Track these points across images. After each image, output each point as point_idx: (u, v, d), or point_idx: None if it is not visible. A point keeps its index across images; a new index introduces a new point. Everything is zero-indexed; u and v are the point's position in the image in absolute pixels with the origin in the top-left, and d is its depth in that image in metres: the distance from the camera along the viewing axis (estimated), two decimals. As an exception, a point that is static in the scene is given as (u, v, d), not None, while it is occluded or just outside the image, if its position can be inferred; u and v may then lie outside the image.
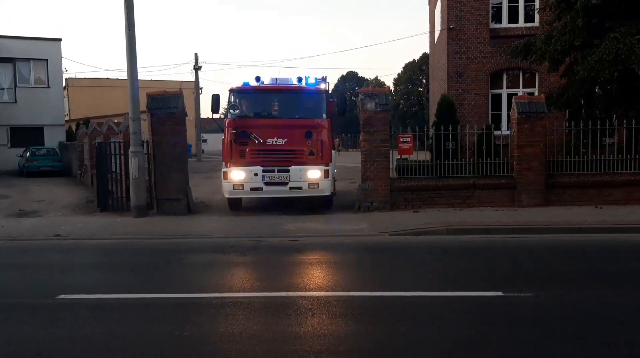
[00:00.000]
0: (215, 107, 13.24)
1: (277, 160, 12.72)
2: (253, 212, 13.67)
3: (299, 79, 13.63)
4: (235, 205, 13.69)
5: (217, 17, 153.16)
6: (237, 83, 13.73)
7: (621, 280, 7.24)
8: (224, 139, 13.08)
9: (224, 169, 12.95)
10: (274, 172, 12.70)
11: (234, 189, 12.86)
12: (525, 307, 6.10)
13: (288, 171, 12.68)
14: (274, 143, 12.74)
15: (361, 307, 6.20)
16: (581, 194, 13.23)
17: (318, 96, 13.37)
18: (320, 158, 12.78)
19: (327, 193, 13.07)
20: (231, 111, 12.97)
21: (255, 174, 12.65)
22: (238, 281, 7.80)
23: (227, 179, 12.86)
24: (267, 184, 12.71)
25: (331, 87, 15.51)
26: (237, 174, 12.73)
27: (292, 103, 13.32)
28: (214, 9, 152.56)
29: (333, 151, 13.69)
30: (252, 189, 12.80)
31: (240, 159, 12.75)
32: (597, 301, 6.25)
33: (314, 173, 12.71)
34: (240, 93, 13.36)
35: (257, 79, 13.46)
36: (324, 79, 14.22)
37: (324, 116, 13.06)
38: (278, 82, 13.75)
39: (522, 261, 8.55)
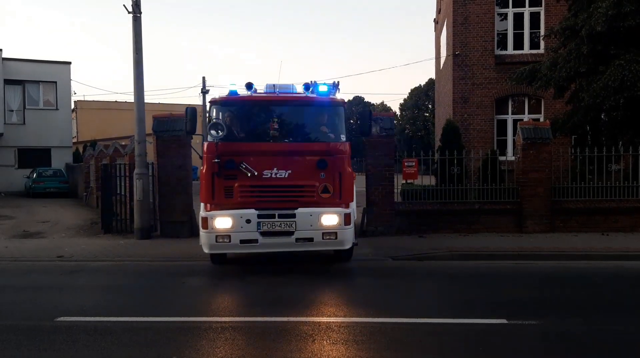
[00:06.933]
0: (191, 126, 9.46)
1: (278, 200, 9.13)
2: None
3: (306, 86, 9.70)
4: (219, 260, 10.34)
5: (226, 41, 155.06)
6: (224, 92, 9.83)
7: (627, 309, 7.13)
8: (202, 171, 9.34)
9: (202, 214, 9.25)
10: (274, 218, 9.06)
11: (217, 242, 9.08)
12: (530, 336, 6.00)
13: (294, 215, 9.06)
14: (274, 175, 9.14)
15: (362, 333, 6.11)
16: (587, 221, 13.15)
17: (334, 110, 9.70)
18: (338, 196, 9.20)
19: (348, 246, 9.48)
20: (212, 131, 9.03)
21: (248, 221, 9.00)
22: (239, 305, 7.73)
23: (207, 228, 9.08)
24: (264, 234, 9.04)
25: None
26: (221, 221, 9.06)
27: (299, 120, 9.82)
28: (222, 34, 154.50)
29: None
30: (242, 241, 9.06)
31: (226, 200, 9.12)
32: (603, 330, 6.15)
33: (331, 219, 9.12)
34: (225, 106, 9.65)
35: (249, 86, 9.66)
36: (335, 86, 10.23)
37: (343, 137, 9.44)
38: (277, 90, 9.89)
39: (527, 288, 8.44)
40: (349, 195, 9.43)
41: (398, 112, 77.48)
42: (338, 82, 10.52)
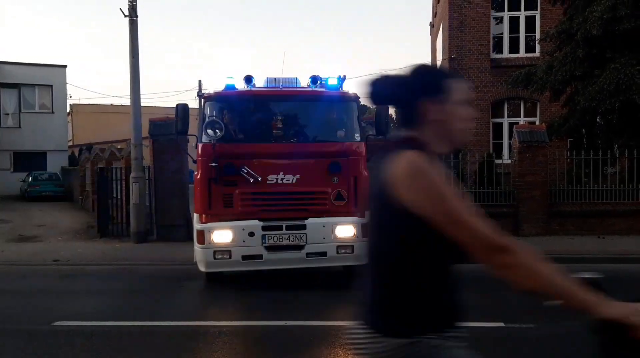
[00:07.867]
0: (182, 125, 8.35)
1: (285, 209, 8.07)
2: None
3: (314, 80, 8.62)
4: (216, 277, 8.83)
5: (224, 43, 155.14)
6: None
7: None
8: (196, 177, 8.25)
9: (197, 227, 8.13)
10: (281, 229, 8.04)
11: (215, 258, 7.96)
12: (527, 339, 6.01)
13: (304, 226, 8.05)
14: (280, 181, 8.04)
15: (360, 337, 6.09)
16: (583, 224, 13.18)
17: (346, 106, 8.63)
18: (353, 203, 8.13)
19: (365, 261, 7.33)
20: (209, 130, 7.93)
21: (251, 234, 7.94)
22: (236, 309, 7.71)
23: (203, 242, 7.96)
24: (269, 249, 8.02)
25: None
26: (220, 235, 7.97)
27: (307, 117, 8.76)
28: (221, 36, 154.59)
29: None
30: (245, 258, 7.98)
31: (225, 210, 8.03)
32: (600, 333, 6.15)
33: (346, 230, 8.12)
34: (221, 102, 8.51)
35: (248, 79, 8.44)
36: (342, 80, 9.16)
37: (357, 136, 8.50)
38: (280, 85, 8.83)
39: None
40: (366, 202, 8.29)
41: (394, 115, 77.53)
42: (345, 75, 9.30)
